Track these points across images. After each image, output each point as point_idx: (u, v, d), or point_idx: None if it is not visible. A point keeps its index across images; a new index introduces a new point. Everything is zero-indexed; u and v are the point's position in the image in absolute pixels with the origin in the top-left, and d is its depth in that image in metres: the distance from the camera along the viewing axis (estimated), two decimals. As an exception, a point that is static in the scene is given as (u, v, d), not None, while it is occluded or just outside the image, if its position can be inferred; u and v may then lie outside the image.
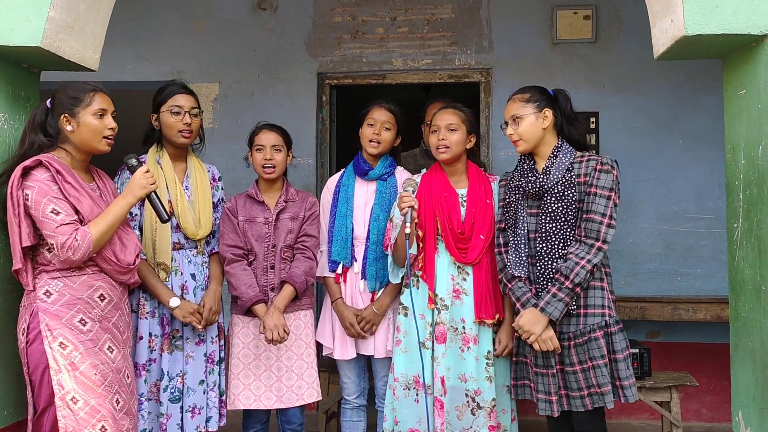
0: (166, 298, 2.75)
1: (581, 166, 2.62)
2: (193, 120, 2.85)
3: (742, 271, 2.36)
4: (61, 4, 2.43)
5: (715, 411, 4.31)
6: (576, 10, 4.39)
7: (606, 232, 2.55)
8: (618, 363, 2.57)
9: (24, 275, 2.38)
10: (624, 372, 2.57)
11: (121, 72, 4.62)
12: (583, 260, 2.52)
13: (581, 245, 2.55)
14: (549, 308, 2.54)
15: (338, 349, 3.05)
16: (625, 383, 2.57)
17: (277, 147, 3.00)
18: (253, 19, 4.64)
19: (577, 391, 2.58)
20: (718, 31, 2.23)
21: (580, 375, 2.57)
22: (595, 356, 2.55)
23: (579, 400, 2.57)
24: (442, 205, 2.85)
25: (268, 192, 3.05)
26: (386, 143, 3.06)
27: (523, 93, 2.72)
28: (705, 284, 4.29)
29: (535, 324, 2.57)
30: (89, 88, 2.46)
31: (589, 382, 2.56)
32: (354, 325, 2.97)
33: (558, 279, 2.55)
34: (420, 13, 4.54)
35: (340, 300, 3.03)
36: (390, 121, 3.06)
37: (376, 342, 3.01)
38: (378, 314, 2.98)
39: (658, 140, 4.36)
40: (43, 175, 2.35)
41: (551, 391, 2.61)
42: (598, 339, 2.55)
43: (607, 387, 2.54)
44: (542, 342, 2.57)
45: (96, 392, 2.37)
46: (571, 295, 2.54)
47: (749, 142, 2.30)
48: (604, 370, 2.54)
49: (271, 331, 2.84)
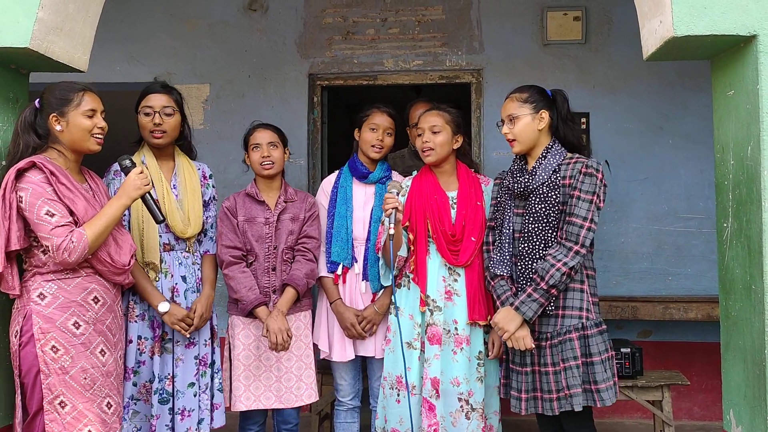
0: (155, 302, 2.73)
1: (567, 168, 2.63)
2: (164, 120, 2.81)
3: (732, 271, 2.37)
4: (49, 5, 2.41)
5: (706, 409, 4.33)
6: (566, 12, 4.40)
7: (585, 236, 2.55)
8: (594, 366, 2.56)
9: (9, 279, 2.35)
10: (600, 375, 2.56)
11: (111, 73, 4.60)
12: (560, 263, 2.53)
13: (560, 247, 2.56)
14: (523, 308, 2.56)
15: (337, 351, 3.04)
16: (601, 386, 2.56)
17: (273, 143, 3.00)
18: (244, 20, 4.64)
19: (547, 393, 2.59)
20: (706, 32, 2.24)
21: (552, 377, 2.58)
22: (567, 357, 2.56)
23: (548, 403, 2.58)
24: (433, 208, 2.86)
25: (268, 192, 3.04)
26: (387, 148, 3.12)
27: (521, 92, 2.71)
28: (696, 284, 4.31)
29: (509, 322, 2.59)
30: (78, 87, 2.45)
31: (559, 384, 2.57)
32: (355, 325, 2.96)
33: (534, 279, 2.57)
34: (411, 15, 4.54)
35: (339, 301, 3.02)
36: (391, 126, 3.11)
37: (376, 342, 3.02)
38: (379, 314, 2.98)
39: (649, 140, 4.38)
40: (37, 177, 2.33)
41: (522, 389, 2.63)
42: (573, 341, 2.56)
43: (576, 389, 2.54)
44: (515, 340, 2.59)
45: (84, 396, 2.35)
46: (546, 296, 2.55)
47: (738, 143, 2.31)
48: (576, 372, 2.55)
49: (275, 334, 2.83)
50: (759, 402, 2.20)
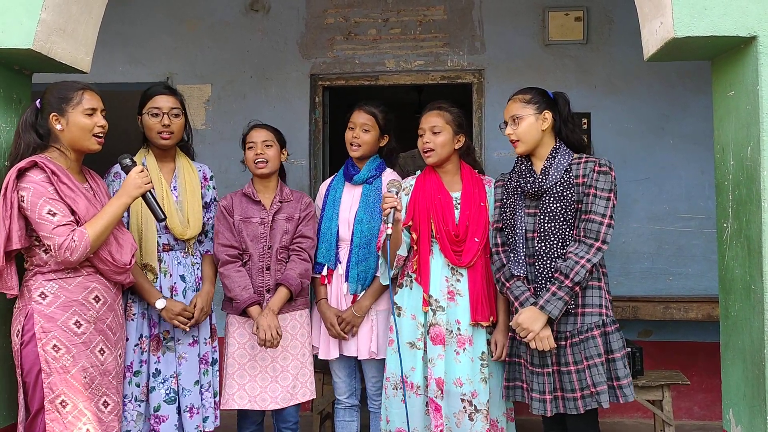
0: (152, 299, 2.74)
1: (579, 168, 2.64)
2: (173, 121, 2.83)
3: (731, 271, 2.37)
4: (52, 7, 2.42)
5: (706, 409, 4.34)
6: (567, 12, 4.41)
7: (606, 233, 2.57)
8: (615, 362, 2.58)
9: (8, 279, 2.36)
10: (621, 371, 2.58)
11: (113, 74, 4.61)
12: (583, 260, 2.54)
13: (581, 245, 2.57)
14: (549, 306, 2.56)
15: (322, 349, 3.09)
16: (623, 382, 2.58)
17: (267, 142, 3.01)
18: (246, 20, 4.64)
19: (570, 393, 2.58)
20: (707, 32, 2.24)
21: (575, 375, 2.58)
22: (592, 355, 2.56)
23: (572, 402, 2.58)
24: (436, 208, 2.86)
25: (264, 192, 3.05)
26: (367, 145, 3.06)
27: (524, 93, 2.72)
28: (696, 283, 4.32)
29: (534, 322, 2.58)
30: (78, 86, 2.46)
31: (583, 383, 2.57)
32: (334, 325, 2.98)
33: (558, 278, 2.56)
34: (412, 15, 4.55)
35: (324, 301, 3.05)
36: (368, 122, 3.06)
37: (358, 343, 3.03)
38: (357, 316, 2.99)
39: (649, 141, 4.38)
40: (38, 177, 2.34)
41: (545, 390, 2.62)
42: (596, 338, 2.57)
43: (602, 386, 2.55)
44: (539, 340, 2.58)
45: (84, 395, 2.36)
46: (570, 294, 2.55)
47: (738, 143, 2.31)
48: (601, 369, 2.56)
49: (264, 331, 2.84)
50: (758, 401, 2.21)
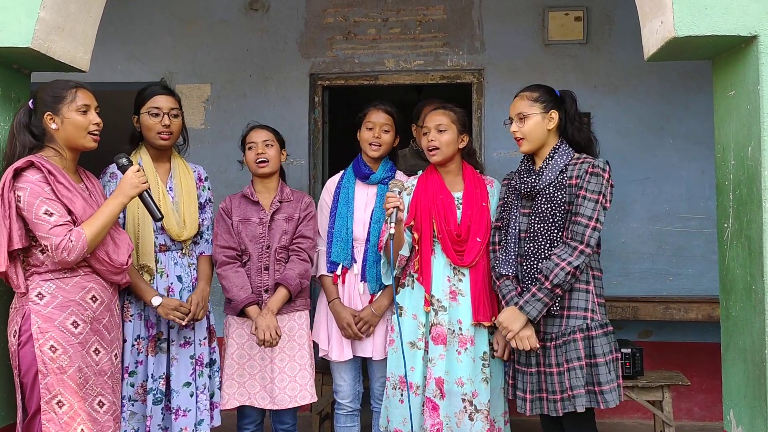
0: (148, 297, 2.73)
1: (575, 168, 2.62)
2: (172, 121, 2.82)
3: (732, 271, 2.37)
4: (51, 5, 2.42)
5: (707, 410, 4.33)
6: (567, 12, 4.40)
7: (590, 235, 2.55)
8: (598, 367, 2.55)
9: (14, 278, 2.36)
10: (604, 377, 2.54)
11: (112, 72, 4.61)
12: (564, 262, 2.53)
13: (565, 247, 2.56)
14: (527, 307, 2.56)
15: (335, 351, 3.04)
16: (605, 388, 2.54)
17: (267, 142, 3.01)
18: (245, 19, 4.64)
19: (552, 394, 2.58)
20: (707, 32, 2.24)
21: (556, 378, 2.57)
22: (571, 358, 2.55)
23: (553, 404, 2.58)
24: (438, 208, 2.86)
25: (264, 192, 3.05)
26: (386, 145, 3.07)
27: (532, 91, 2.70)
28: (696, 284, 4.31)
29: (513, 321, 2.59)
30: (71, 84, 2.45)
31: (563, 385, 2.56)
32: (351, 325, 2.96)
33: (539, 279, 2.56)
34: (412, 14, 4.55)
35: (337, 300, 3.02)
36: (388, 122, 3.06)
37: (374, 343, 3.01)
38: (376, 315, 2.97)
39: (650, 141, 4.38)
40: (35, 176, 2.34)
41: (527, 390, 2.63)
42: (577, 341, 2.56)
43: (579, 390, 2.53)
44: (519, 340, 2.59)
45: (78, 395, 2.36)
46: (550, 296, 2.54)
47: (739, 143, 2.31)
48: (579, 373, 2.54)
49: (262, 331, 2.84)
50: (759, 402, 2.20)
